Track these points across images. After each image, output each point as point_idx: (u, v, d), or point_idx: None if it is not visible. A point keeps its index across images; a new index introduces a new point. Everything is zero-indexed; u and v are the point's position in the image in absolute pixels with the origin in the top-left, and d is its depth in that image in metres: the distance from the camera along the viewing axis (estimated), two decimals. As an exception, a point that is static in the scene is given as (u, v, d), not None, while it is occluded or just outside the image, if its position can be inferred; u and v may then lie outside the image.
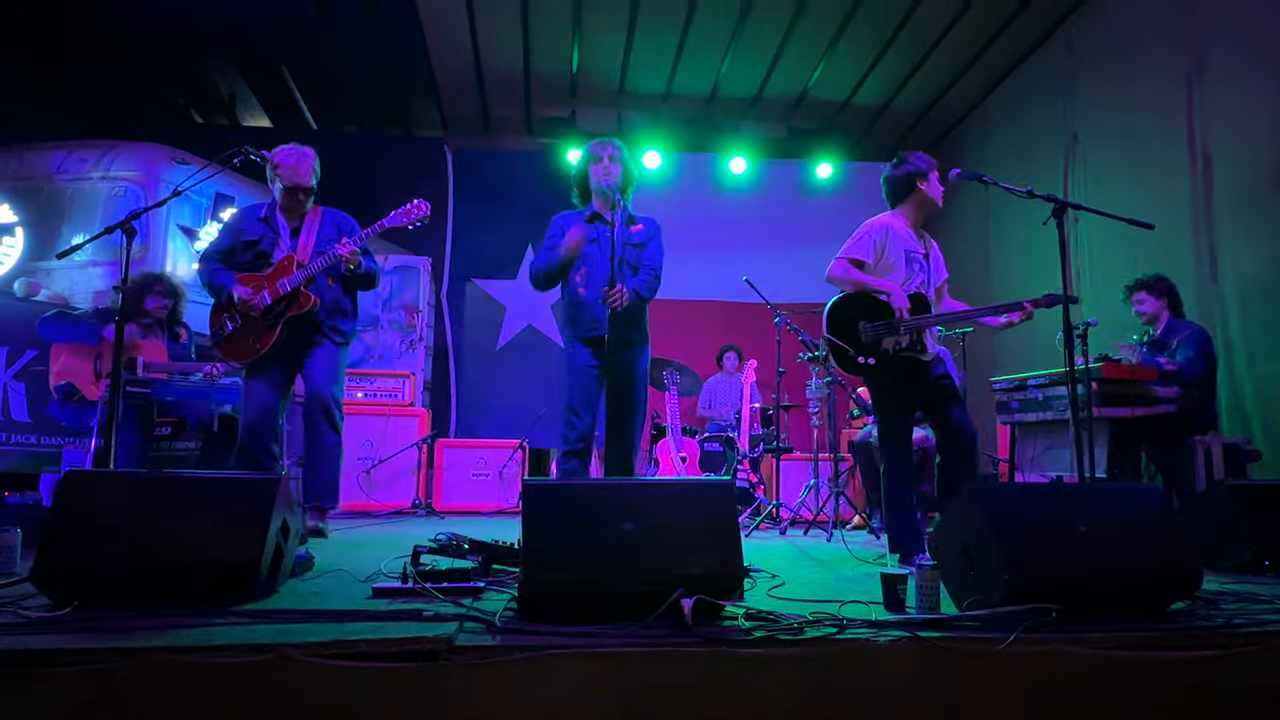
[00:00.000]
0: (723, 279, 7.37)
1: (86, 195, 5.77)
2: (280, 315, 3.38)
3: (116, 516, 2.18)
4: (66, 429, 4.24)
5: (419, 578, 2.37)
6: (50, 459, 4.35)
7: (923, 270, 3.48)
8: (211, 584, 2.13)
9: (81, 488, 2.25)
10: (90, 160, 5.78)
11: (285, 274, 3.40)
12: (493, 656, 1.74)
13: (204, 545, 2.16)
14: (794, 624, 1.93)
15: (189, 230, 5.98)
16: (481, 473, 6.20)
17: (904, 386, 3.37)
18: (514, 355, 8.13)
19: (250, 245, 3.46)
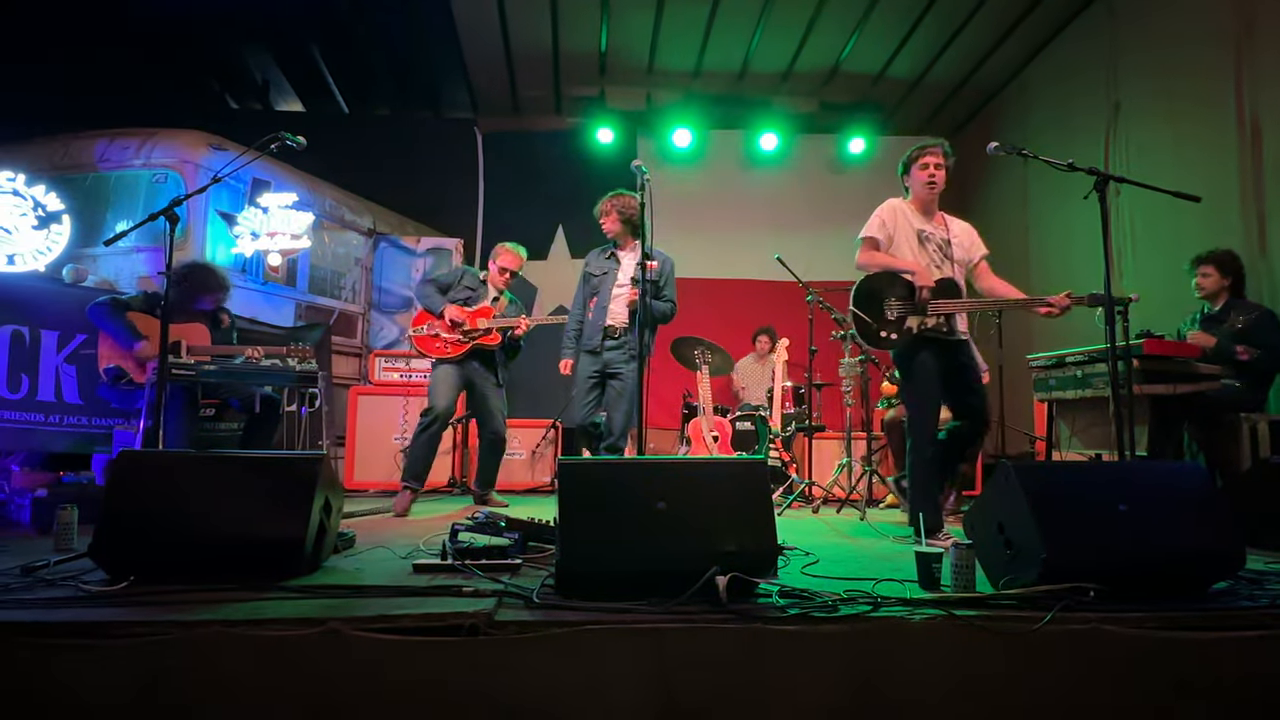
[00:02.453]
0: (754, 257, 7.31)
1: (129, 183, 5.89)
2: (473, 338, 4.51)
3: (168, 495, 2.26)
4: (116, 410, 4.37)
5: (458, 555, 2.43)
6: (102, 439, 4.49)
7: (943, 252, 3.49)
8: (258, 560, 2.21)
9: (134, 468, 2.34)
10: (131, 148, 5.89)
11: (484, 315, 4.56)
12: (531, 631, 1.78)
13: (251, 522, 2.23)
14: (828, 601, 1.95)
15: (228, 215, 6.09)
16: (516, 452, 6.26)
17: (929, 365, 3.40)
18: (547, 335, 8.12)
19: (467, 289, 4.63)
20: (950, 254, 3.51)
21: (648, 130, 8.24)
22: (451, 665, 1.73)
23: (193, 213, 5.78)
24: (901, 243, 3.50)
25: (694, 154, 8.22)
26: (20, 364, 4.28)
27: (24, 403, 4.28)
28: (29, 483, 4.06)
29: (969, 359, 3.48)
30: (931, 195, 3.54)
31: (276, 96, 8.52)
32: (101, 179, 5.96)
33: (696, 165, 8.22)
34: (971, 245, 3.57)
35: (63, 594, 2.03)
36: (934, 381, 3.40)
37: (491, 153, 8.36)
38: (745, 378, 6.72)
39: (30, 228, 5.59)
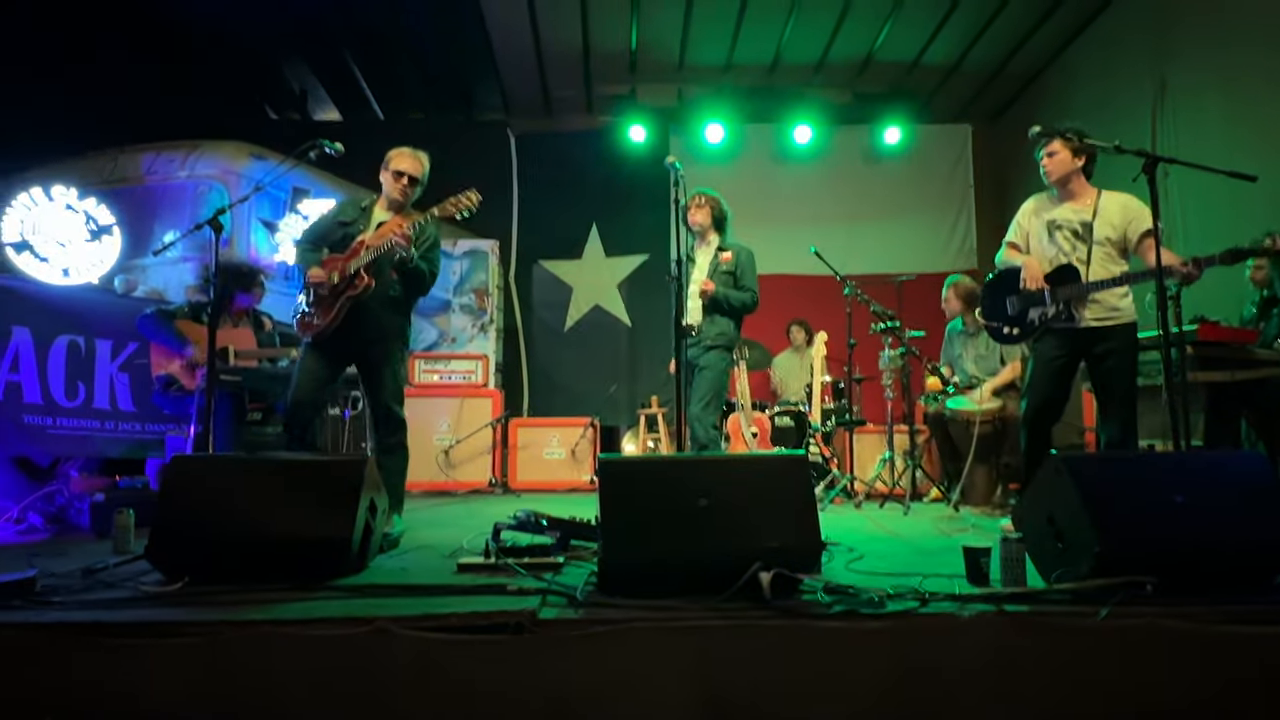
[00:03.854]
0: (790, 251, 7.23)
1: (175, 194, 6.06)
2: (339, 294, 3.33)
3: (219, 498, 2.31)
4: (168, 416, 4.51)
5: (501, 553, 2.45)
6: (155, 445, 4.63)
7: (1078, 236, 3.43)
8: (307, 560, 2.25)
9: (186, 472, 2.40)
10: (177, 161, 6.06)
11: (354, 255, 3.37)
12: (576, 629, 1.79)
13: (299, 524, 2.27)
14: (874, 598, 1.92)
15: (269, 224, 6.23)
16: (555, 451, 6.31)
17: (1044, 356, 3.44)
18: (582, 335, 8.19)
19: (343, 225, 3.48)
20: (1090, 236, 3.39)
21: (680, 126, 8.22)
22: (498, 663, 1.75)
23: (236, 221, 5.92)
24: (1033, 238, 3.57)
25: (727, 149, 8.17)
26: (77, 373, 4.42)
27: (81, 410, 4.42)
28: (87, 487, 4.19)
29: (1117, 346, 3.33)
30: (1054, 183, 3.51)
31: (314, 106, 8.67)
32: (149, 191, 6.13)
33: (729, 160, 8.18)
34: (1126, 223, 3.39)
35: (121, 595, 2.09)
36: (1043, 373, 3.42)
37: (525, 154, 8.41)
38: (783, 372, 6.67)
39: (83, 241, 5.78)
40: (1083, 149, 3.41)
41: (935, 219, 8.14)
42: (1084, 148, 3.40)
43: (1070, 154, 3.43)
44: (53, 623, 1.81)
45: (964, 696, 1.76)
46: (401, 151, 3.56)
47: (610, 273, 8.19)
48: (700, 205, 4.33)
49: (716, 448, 4.14)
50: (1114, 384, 3.32)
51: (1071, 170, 3.44)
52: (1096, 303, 3.35)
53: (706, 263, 4.28)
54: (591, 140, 8.32)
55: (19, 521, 3.82)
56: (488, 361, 6.68)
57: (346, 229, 3.47)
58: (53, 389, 4.31)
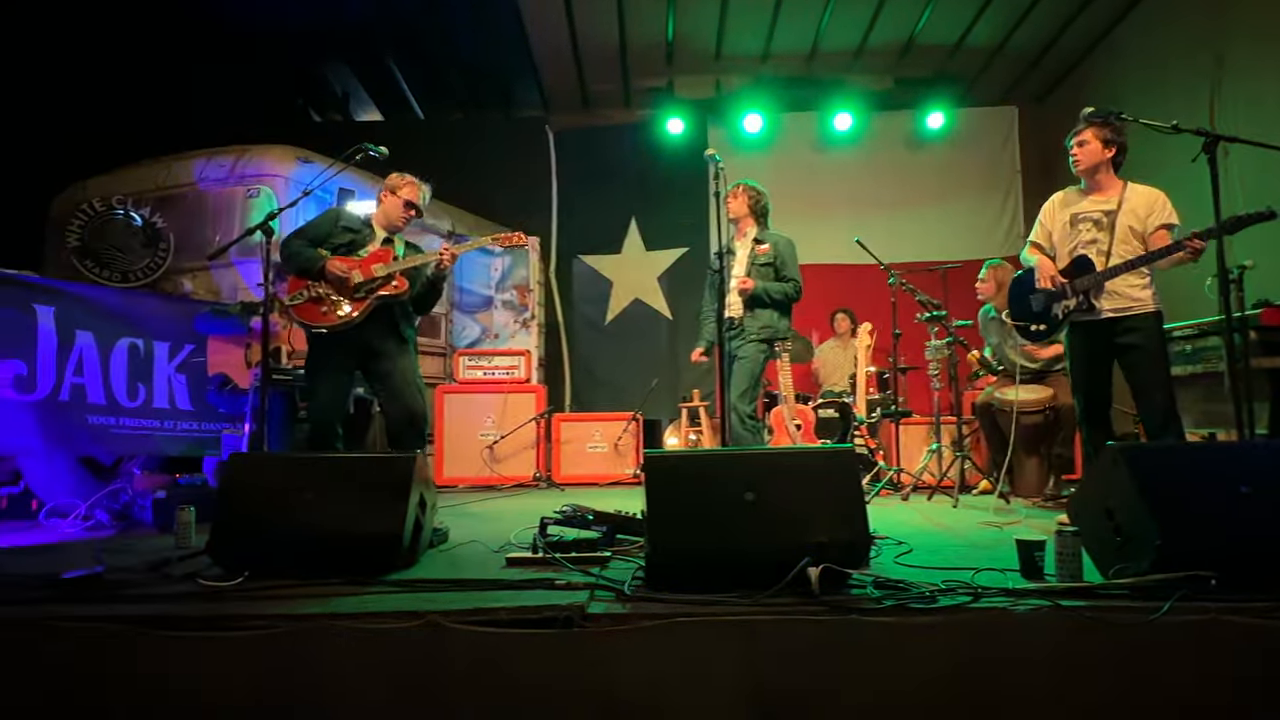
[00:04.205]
0: (832, 241, 7.17)
1: (226, 199, 6.20)
2: (372, 290, 3.45)
3: (274, 495, 2.38)
4: (224, 415, 4.64)
5: (548, 548, 2.47)
6: (212, 443, 4.76)
7: (1100, 226, 3.43)
8: (359, 555, 2.30)
9: (243, 470, 2.47)
10: (226, 166, 6.20)
11: (380, 260, 3.50)
12: (624, 623, 1.79)
13: (351, 520, 2.33)
14: (925, 592, 1.89)
15: (316, 226, 6.35)
16: (598, 445, 6.33)
17: (1077, 349, 3.47)
18: (623, 329, 8.21)
19: (350, 232, 3.56)
20: (1113, 226, 3.37)
21: (718, 118, 8.17)
22: (547, 657, 1.77)
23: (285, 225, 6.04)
24: (1055, 234, 3.57)
25: (766, 139, 8.10)
26: (138, 374, 4.57)
27: (142, 410, 4.57)
28: (149, 485, 4.34)
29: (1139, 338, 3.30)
30: (1082, 173, 3.50)
31: (356, 107, 8.82)
32: (201, 197, 6.29)
33: (769, 150, 8.10)
34: (1150, 214, 3.36)
35: (184, 589, 2.16)
36: (1080, 367, 3.46)
37: (563, 149, 8.44)
38: (826, 363, 6.60)
39: (140, 246, 5.96)
40: (1113, 140, 3.37)
41: (981, 204, 7.96)
42: (1115, 140, 3.36)
43: (1101, 144, 3.40)
44: (121, 615, 1.88)
45: (1019, 693, 1.72)
46: (411, 182, 3.64)
47: (650, 266, 8.19)
48: (736, 195, 4.32)
49: (755, 438, 4.13)
50: (1141, 375, 3.29)
51: (1101, 161, 3.41)
52: (1116, 294, 3.33)
53: (745, 256, 4.25)
54: (630, 134, 8.31)
55: (87, 518, 3.98)
56: (530, 357, 6.73)
57: (354, 235, 3.57)
58: (115, 390, 4.46)
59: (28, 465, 4.42)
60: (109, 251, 5.78)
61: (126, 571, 2.38)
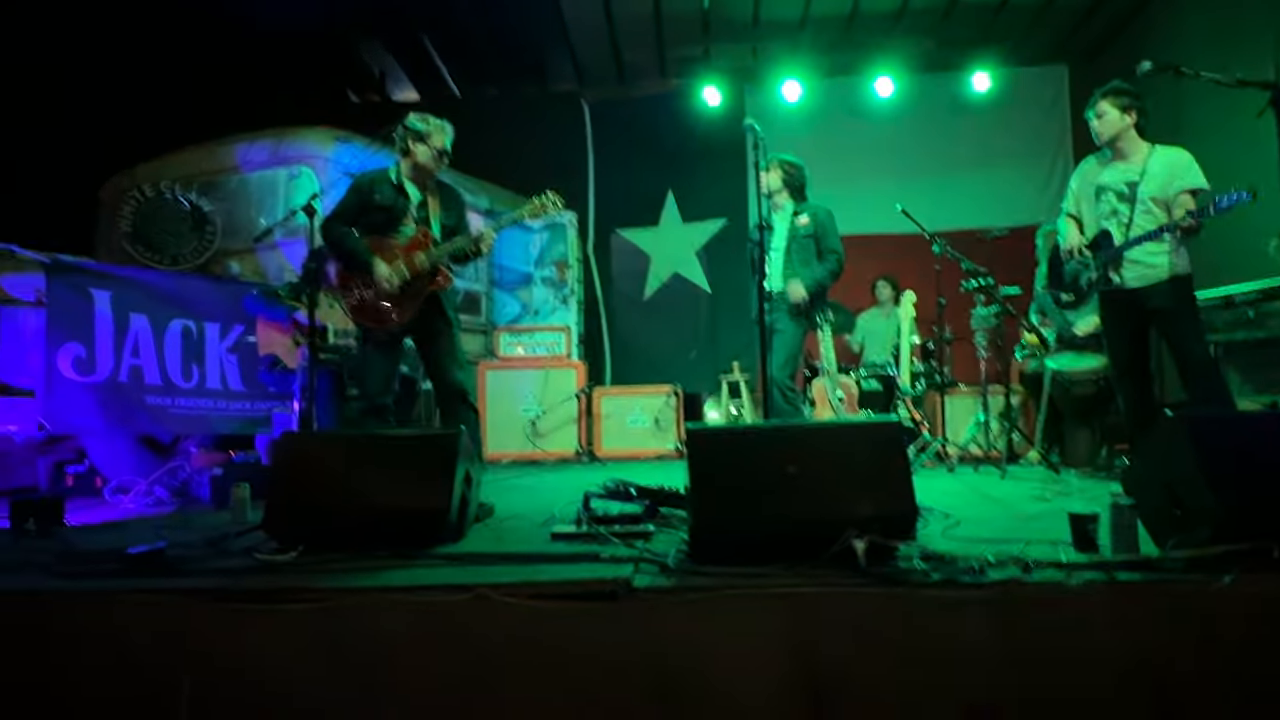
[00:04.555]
0: (874, 210, 6.99)
1: (268, 181, 6.30)
2: (420, 290, 3.41)
3: (326, 472, 2.44)
4: (274, 394, 4.77)
5: (593, 522, 2.49)
6: (263, 421, 4.90)
7: (1122, 197, 3.37)
8: (409, 530, 2.35)
9: (295, 448, 2.54)
10: (268, 149, 6.29)
11: (420, 248, 3.40)
12: (669, 596, 1.81)
13: (400, 495, 2.38)
14: (975, 565, 1.87)
15: (357, 205, 6.44)
16: (638, 419, 6.35)
17: (1108, 322, 3.51)
18: (662, 303, 8.18)
19: (383, 209, 3.45)
20: (1135, 195, 3.32)
21: (755, 86, 8.02)
22: (594, 629, 1.79)
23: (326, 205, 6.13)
24: (1083, 203, 3.57)
25: (804, 106, 7.93)
26: (191, 355, 4.71)
27: (196, 390, 4.71)
28: (206, 462, 4.48)
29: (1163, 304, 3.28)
30: (1104, 144, 3.46)
31: (393, 86, 8.86)
32: (244, 180, 6.40)
33: (808, 118, 7.93)
34: (1172, 179, 3.29)
35: (241, 564, 2.24)
36: (1111, 340, 3.50)
37: (598, 123, 8.39)
38: (868, 333, 6.51)
39: (189, 229, 6.10)
40: (1132, 105, 3.28)
41: (1029, 168, 7.72)
42: (1134, 104, 3.28)
43: (1119, 113, 3.34)
44: (183, 589, 1.95)
45: (1073, 667, 1.70)
46: (439, 126, 3.50)
47: (688, 239, 8.13)
48: (770, 170, 4.24)
49: (795, 411, 4.11)
50: (1175, 342, 3.25)
51: (1120, 129, 3.35)
52: (1136, 263, 3.31)
53: (784, 230, 4.21)
54: (665, 104, 8.21)
55: (148, 495, 4.13)
56: (570, 333, 6.77)
57: (388, 212, 3.45)
58: (170, 371, 4.60)
59: (91, 444, 4.60)
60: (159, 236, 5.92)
61: (186, 547, 2.46)
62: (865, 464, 2.10)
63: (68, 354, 4.22)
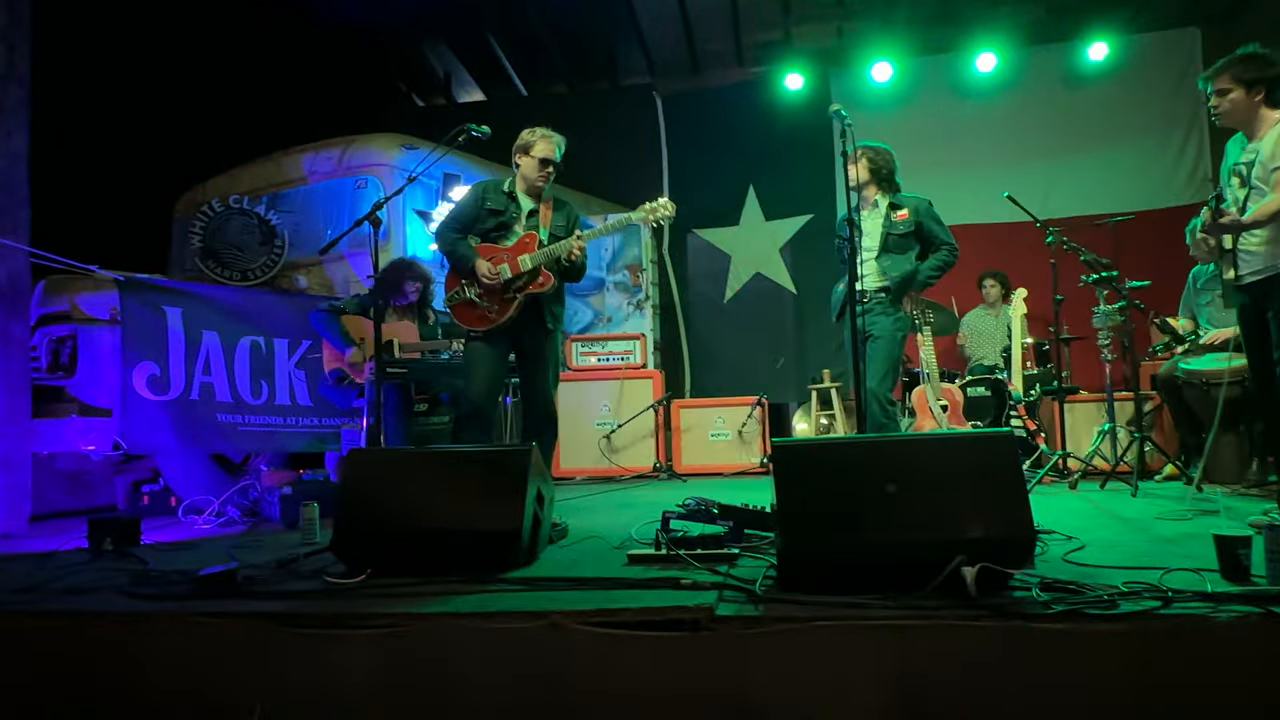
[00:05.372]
0: (977, 198, 6.79)
1: (335, 191, 6.57)
2: (519, 290, 3.62)
3: (395, 491, 2.51)
4: (341, 410, 4.95)
5: (672, 544, 2.48)
6: (331, 438, 5.10)
7: (1243, 179, 3.20)
8: (479, 552, 2.39)
9: (363, 466, 2.62)
10: (334, 159, 6.56)
11: (526, 250, 3.63)
12: (757, 627, 1.78)
13: (470, 516, 2.43)
14: (1103, 596, 1.78)
15: (423, 214, 6.61)
16: (720, 432, 6.32)
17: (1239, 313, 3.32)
18: (744, 306, 8.11)
19: (495, 214, 3.70)
20: (1251, 177, 3.14)
21: (841, 69, 7.90)
22: (674, 661, 1.77)
23: (391, 214, 6.34)
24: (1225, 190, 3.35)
25: (896, 89, 7.76)
26: (260, 372, 4.94)
27: (265, 407, 4.94)
28: (275, 481, 4.68)
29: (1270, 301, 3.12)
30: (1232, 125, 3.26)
31: (458, 89, 9.12)
32: (311, 191, 6.69)
33: (901, 101, 7.75)
34: (1272, 154, 3.09)
35: (311, 586, 2.32)
36: (1244, 338, 3.33)
37: (672, 116, 8.41)
38: (974, 334, 6.31)
39: (257, 244, 6.41)
40: (1259, 78, 3.08)
41: (1157, 145, 7.33)
42: (1260, 75, 3.08)
43: (1244, 89, 3.10)
44: (254, 612, 2.03)
45: (1219, 715, 1.59)
46: (544, 136, 3.70)
47: (771, 237, 8.05)
48: (855, 160, 4.08)
49: (896, 426, 4.01)
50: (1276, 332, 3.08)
51: (1247, 107, 3.13)
52: (1244, 254, 3.14)
53: (877, 227, 4.07)
54: (743, 94, 8.17)
55: (220, 514, 4.35)
56: (646, 340, 6.79)
57: (499, 218, 3.70)
58: (240, 388, 4.84)
59: (165, 464, 4.88)
60: (229, 251, 6.24)
61: (257, 568, 2.58)
62: (974, 481, 2.03)
63: (143, 372, 4.48)
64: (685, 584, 2.08)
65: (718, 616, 1.81)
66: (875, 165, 4.11)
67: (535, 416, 3.72)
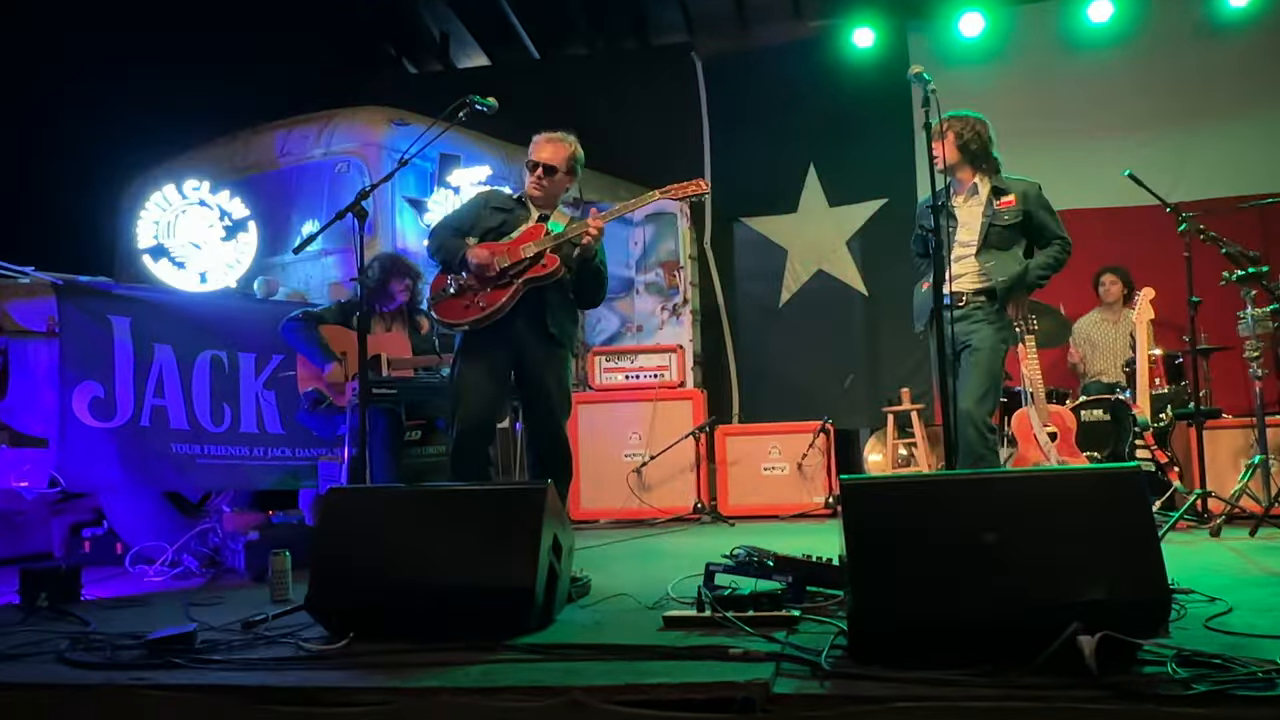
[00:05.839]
0: (1091, 177, 6.76)
1: (311, 176, 6.71)
2: (520, 272, 3.58)
3: (381, 538, 2.54)
4: (319, 439, 5.01)
5: (717, 604, 2.47)
6: (307, 472, 5.16)
7: None
8: (485, 612, 2.40)
9: (343, 507, 2.65)
10: (310, 137, 6.70)
11: (531, 238, 3.62)
12: (823, 708, 1.77)
13: (473, 568, 2.44)
14: (1257, 673, 1.75)
15: (416, 202, 6.71)
16: (775, 465, 6.30)
17: None
18: (804, 311, 8.09)
19: (500, 212, 3.76)
20: None
21: (921, 21, 7.88)
22: (721, 751, 1.76)
23: (379, 204, 6.43)
24: None
25: (990, 44, 7.73)
26: (222, 393, 5.01)
27: (228, 436, 5.01)
28: (239, 525, 4.74)
29: None
30: None
31: (457, 52, 9.25)
32: (284, 176, 6.82)
33: (995, 60, 7.73)
34: None
35: (283, 653, 2.34)
36: None
37: (715, 81, 8.45)
38: (1089, 345, 6.26)
39: (219, 239, 6.54)
40: None
41: (1321, 109, 7.23)
42: None
43: None
44: (216, 686, 2.06)
45: None
46: (539, 139, 3.75)
47: (836, 227, 8.04)
48: (940, 134, 4.00)
49: (995, 458, 3.98)
50: None
51: None
52: None
53: (976, 216, 4.04)
54: (802, 54, 8.20)
55: (174, 564, 4.41)
56: (683, 354, 6.80)
57: (505, 215, 3.74)
58: (198, 413, 4.91)
59: (110, 503, 4.96)
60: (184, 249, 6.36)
61: (219, 630, 2.60)
62: (1093, 528, 2.03)
63: (84, 394, 4.57)
64: (735, 654, 2.08)
65: (775, 695, 1.81)
66: (964, 140, 4.07)
67: (541, 450, 3.71)
